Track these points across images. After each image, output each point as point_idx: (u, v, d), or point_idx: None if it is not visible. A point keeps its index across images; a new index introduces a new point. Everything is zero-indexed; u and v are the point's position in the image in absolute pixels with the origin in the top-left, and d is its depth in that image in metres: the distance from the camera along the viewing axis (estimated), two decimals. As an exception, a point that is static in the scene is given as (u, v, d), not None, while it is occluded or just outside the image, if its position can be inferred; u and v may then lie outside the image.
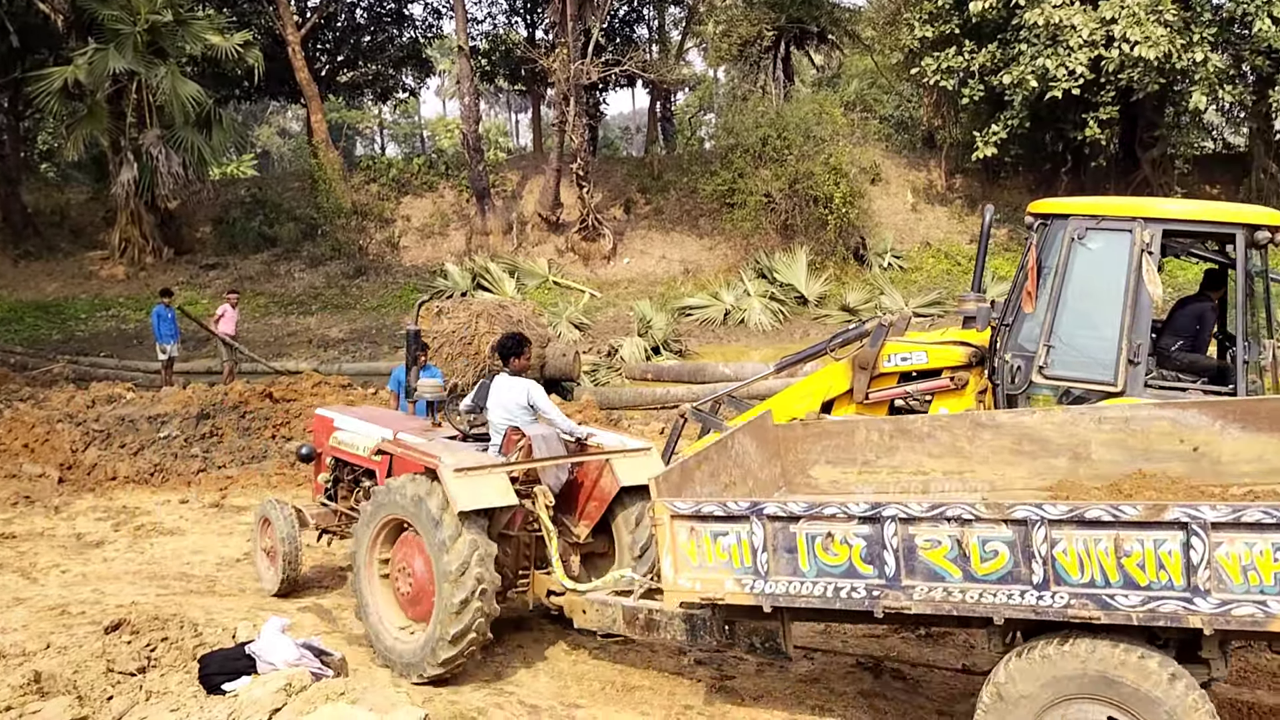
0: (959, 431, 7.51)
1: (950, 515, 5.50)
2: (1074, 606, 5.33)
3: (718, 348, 21.46)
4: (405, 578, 7.11)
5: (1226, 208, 9.58)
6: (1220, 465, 6.94)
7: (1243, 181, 24.53)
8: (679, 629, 6.78)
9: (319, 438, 8.92)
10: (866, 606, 5.76)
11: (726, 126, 28.85)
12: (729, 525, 6.00)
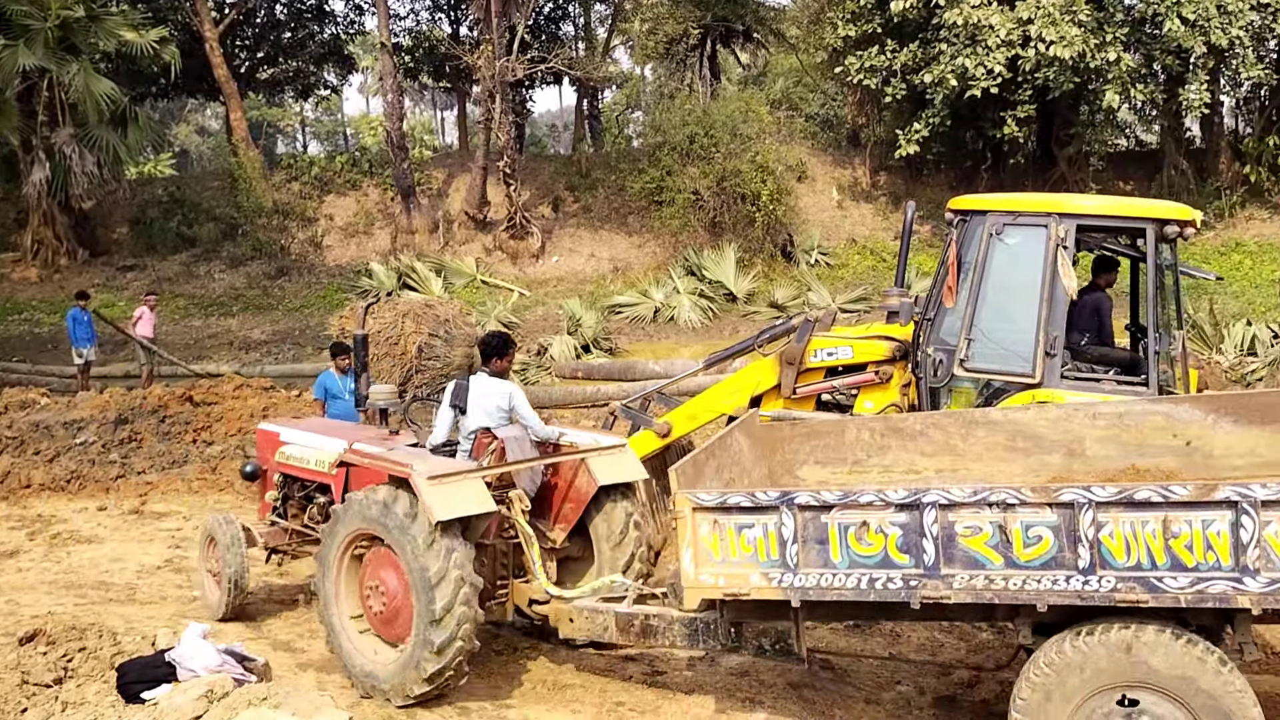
0: (952, 429, 7.39)
1: (994, 500, 5.37)
2: (1121, 590, 5.24)
3: (648, 345, 21.51)
4: (378, 596, 6.68)
5: (1137, 203, 9.85)
6: (1213, 459, 6.93)
7: (1155, 177, 25.24)
8: (679, 634, 6.54)
9: (263, 453, 8.49)
10: (903, 598, 5.58)
11: (654, 124, 28.92)
12: (755, 517, 5.78)
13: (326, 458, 7.70)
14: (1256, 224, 23.57)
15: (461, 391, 7.38)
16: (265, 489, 8.46)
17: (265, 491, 8.45)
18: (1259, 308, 17.72)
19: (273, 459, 8.23)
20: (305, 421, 9.11)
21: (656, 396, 11.04)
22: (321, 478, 7.80)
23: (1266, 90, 24.36)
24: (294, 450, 8.05)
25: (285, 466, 8.11)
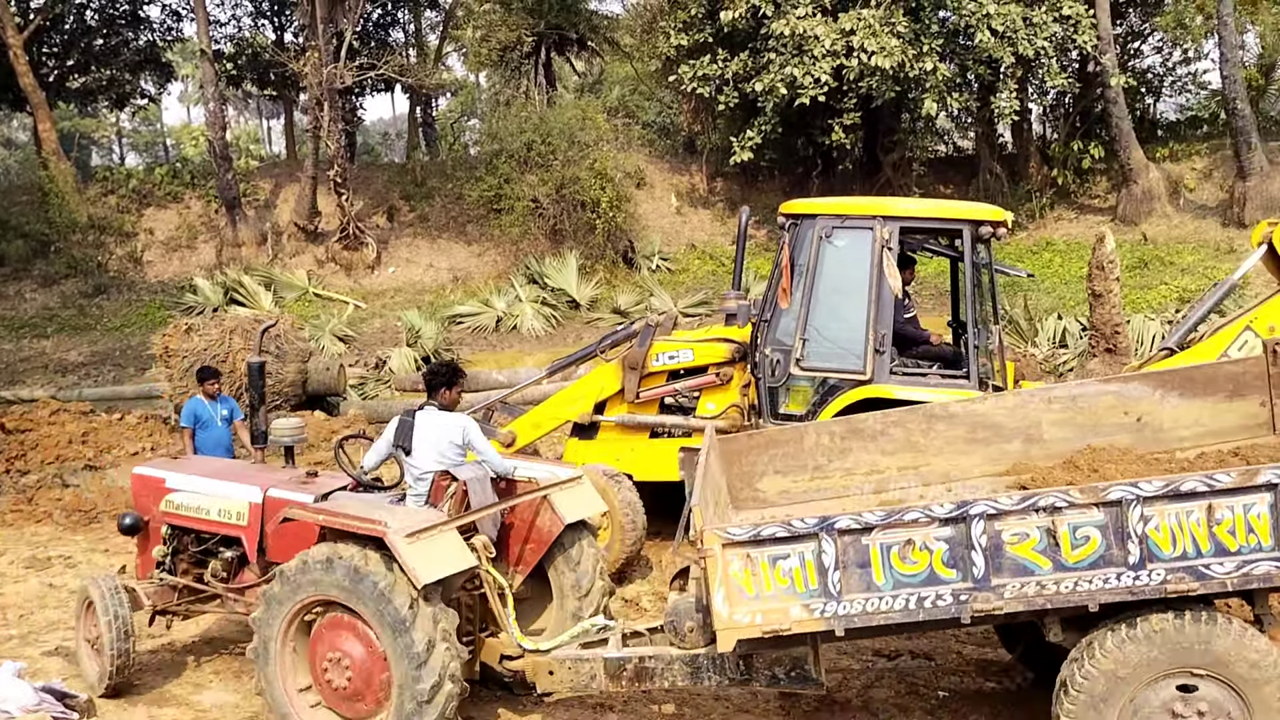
0: (912, 426, 7.34)
1: (1042, 505, 5.34)
2: (1170, 581, 5.28)
3: (491, 355, 21.29)
4: (339, 670, 6.09)
5: (954, 205, 10.34)
6: (1162, 433, 7.12)
7: (972, 181, 26.48)
8: (679, 673, 6.21)
9: (143, 502, 7.62)
10: (954, 614, 5.46)
11: (490, 132, 28.69)
12: (791, 546, 5.51)
13: (234, 506, 7.04)
14: (1065, 224, 25.01)
15: (406, 429, 6.73)
16: (148, 543, 7.55)
17: (148, 546, 7.54)
18: (1069, 303, 18.81)
19: (157, 509, 7.40)
20: (192, 463, 8.25)
21: (500, 406, 10.95)
22: (228, 529, 7.11)
23: (1070, 98, 25.90)
24: (187, 499, 7.28)
25: (176, 517, 7.32)
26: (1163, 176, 24.10)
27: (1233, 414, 7.03)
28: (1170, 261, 21.44)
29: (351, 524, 6.03)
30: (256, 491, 6.95)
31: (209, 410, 9.96)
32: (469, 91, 47.71)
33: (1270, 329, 8.70)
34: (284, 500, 6.73)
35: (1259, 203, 21.74)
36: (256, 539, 6.94)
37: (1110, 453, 6.69)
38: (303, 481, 7.09)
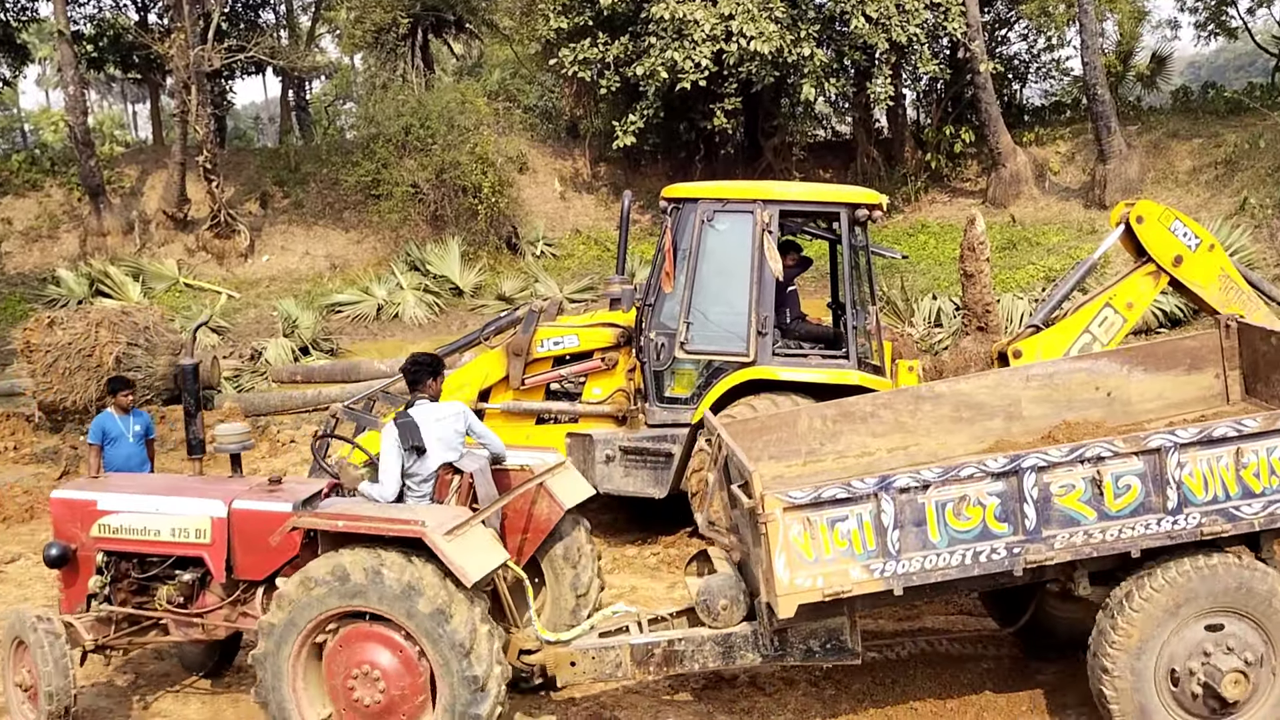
0: (900, 407, 7.48)
1: (1089, 455, 5.62)
2: (1205, 524, 5.64)
3: (372, 344, 20.87)
4: (369, 685, 5.72)
5: (832, 189, 10.52)
6: (1130, 406, 7.51)
7: (850, 166, 27.02)
8: (711, 654, 6.20)
9: (66, 529, 6.85)
10: (1007, 566, 5.67)
11: (367, 116, 28.05)
12: (849, 508, 5.61)
13: (192, 524, 6.50)
14: (939, 206, 25.73)
15: (412, 429, 6.31)
16: (76, 575, 6.82)
17: (77, 577, 6.81)
18: (943, 283, 19.35)
19: (85, 535, 6.74)
20: (123, 481, 7.47)
21: (381, 396, 10.75)
22: (185, 549, 6.56)
23: (942, 84, 26.61)
24: (127, 520, 6.66)
25: (113, 542, 6.70)
26: (1029, 160, 24.96)
27: (1192, 386, 7.50)
28: (1037, 242, 22.23)
29: (382, 526, 5.70)
30: (218, 505, 6.45)
31: (120, 425, 9.13)
32: (344, 74, 46.60)
33: (1128, 305, 9.10)
34: (254, 512, 6.30)
35: (1118, 185, 22.71)
36: (224, 557, 6.43)
37: (1085, 427, 7.02)
38: (269, 490, 6.64)
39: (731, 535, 6.55)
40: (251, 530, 6.35)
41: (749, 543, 6.07)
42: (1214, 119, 24.81)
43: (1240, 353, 7.43)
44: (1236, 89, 28.51)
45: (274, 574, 6.42)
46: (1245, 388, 7.42)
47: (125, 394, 9.24)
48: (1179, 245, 8.99)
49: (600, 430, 9.66)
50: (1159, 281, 9.16)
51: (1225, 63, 52.30)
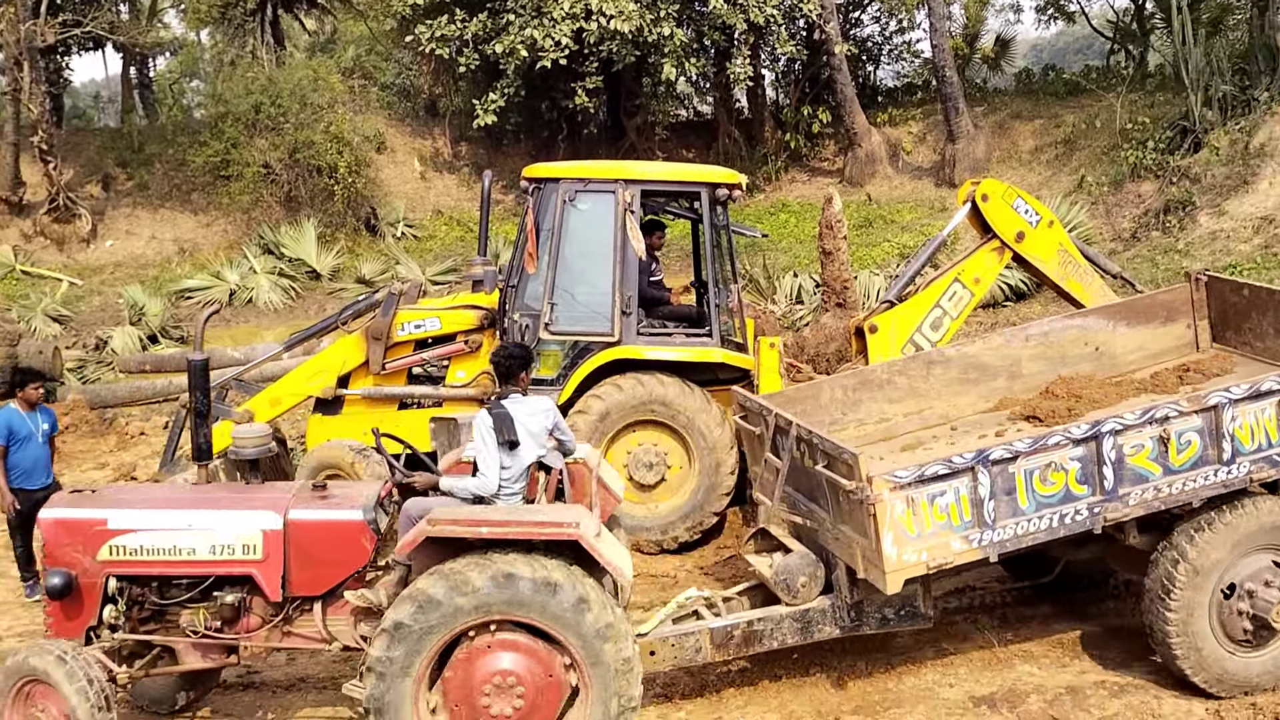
0: (914, 373, 7.96)
1: (1158, 416, 6.17)
2: (1254, 471, 6.28)
3: (225, 331, 20.12)
4: (507, 695, 5.51)
5: (693, 169, 10.61)
6: (1117, 358, 8.15)
7: (712, 146, 27.26)
8: (789, 631, 6.55)
9: (65, 554, 6.04)
10: (1089, 525, 6.20)
11: (215, 94, 26.95)
12: (948, 483, 5.95)
13: (240, 539, 5.93)
14: (799, 186, 26.21)
15: (507, 421, 6.00)
16: (81, 604, 6.07)
17: (82, 607, 6.06)
18: (803, 260, 19.74)
19: (91, 559, 6.01)
20: (124, 495, 6.69)
21: (235, 384, 10.43)
22: (230, 567, 5.99)
23: (799, 65, 27.07)
24: (150, 540, 5.98)
25: (133, 565, 6.03)
26: (884, 140, 25.63)
27: (1167, 337, 8.29)
28: (892, 220, 22.88)
29: (532, 530, 5.51)
30: (271, 517, 5.97)
31: (28, 423, 8.51)
32: (189, 51, 44.61)
33: (975, 280, 9.45)
34: (314, 523, 5.93)
35: (966, 164, 23.53)
36: (279, 573, 5.94)
37: (1078, 380, 7.65)
38: (319, 496, 6.20)
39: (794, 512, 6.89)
40: (310, 542, 5.97)
41: (830, 519, 6.47)
42: (1054, 100, 25.91)
43: (1209, 304, 8.22)
44: (1075, 71, 29.83)
45: (334, 589, 6.06)
46: (1213, 335, 8.25)
47: (35, 386, 8.56)
48: (1021, 222, 9.37)
49: (465, 414, 9.49)
50: (1003, 257, 9.53)
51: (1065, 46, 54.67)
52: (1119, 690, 6.85)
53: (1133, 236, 19.14)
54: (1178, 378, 7.67)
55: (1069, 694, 6.81)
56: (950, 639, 7.54)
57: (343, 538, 6.00)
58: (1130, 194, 20.33)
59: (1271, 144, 18.43)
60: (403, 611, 5.51)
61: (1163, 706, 6.59)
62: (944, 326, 9.44)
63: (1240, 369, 7.73)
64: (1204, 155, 19.24)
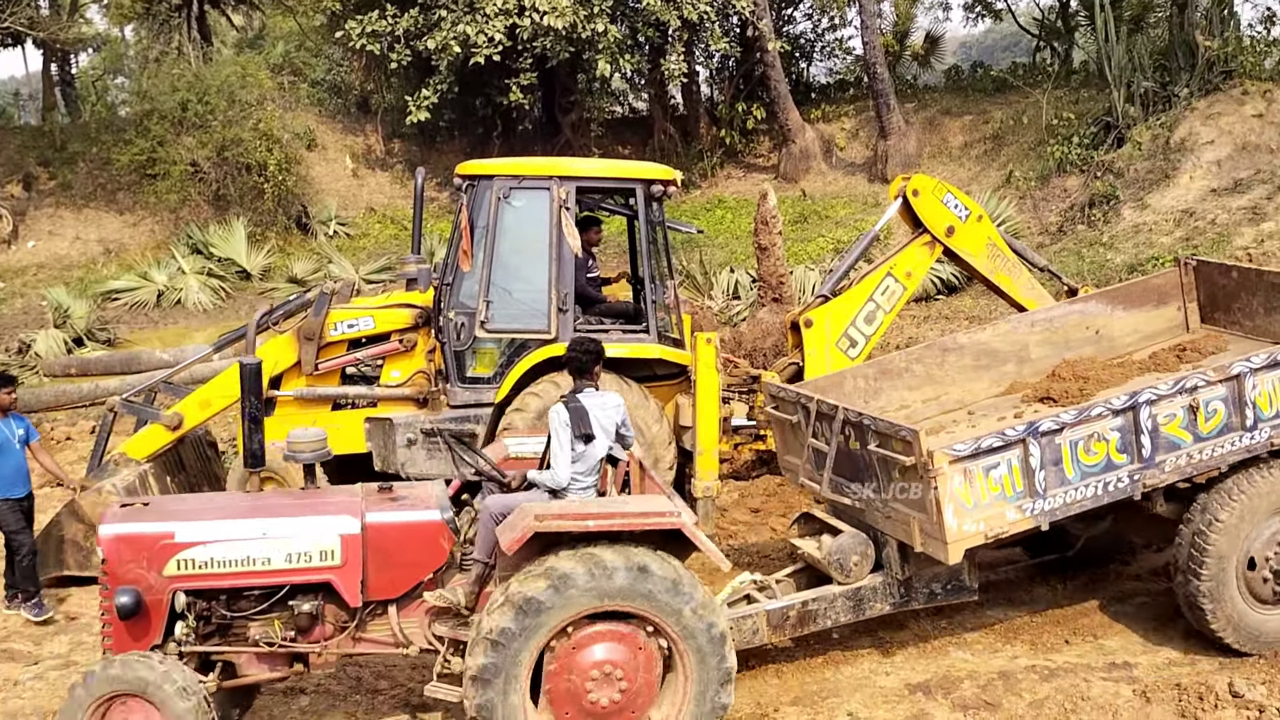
0: (930, 360, 8.25)
1: (1188, 386, 6.50)
2: (1274, 436, 6.65)
3: (154, 332, 19.74)
4: (609, 685, 5.59)
5: (628, 165, 10.62)
6: (1115, 340, 8.47)
7: (648, 142, 27.31)
8: (842, 610, 6.80)
9: (129, 570, 5.72)
10: (1129, 492, 6.51)
11: (140, 91, 26.34)
12: (1001, 455, 6.20)
13: (317, 545, 5.77)
14: (734, 182, 26.37)
15: (583, 415, 6.07)
16: (148, 622, 5.78)
17: (149, 626, 5.77)
18: (739, 256, 19.87)
19: (157, 574, 5.72)
20: (185, 506, 6.45)
21: (163, 387, 10.23)
22: (308, 575, 5.84)
23: (733, 62, 27.21)
24: (224, 551, 5.75)
25: (203, 578, 5.76)
26: (817, 136, 25.87)
27: (1160, 319, 8.65)
28: (826, 215, 23.11)
29: (636, 521, 5.61)
30: (348, 521, 5.84)
31: (5, 431, 8.13)
32: (113, 47, 43.60)
33: (907, 274, 9.57)
34: (393, 525, 5.85)
35: (898, 160, 23.85)
36: (358, 578, 5.82)
37: (1082, 363, 7.98)
38: (389, 498, 6.10)
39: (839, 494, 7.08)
40: (388, 545, 5.86)
41: (881, 498, 6.71)
42: (983, 97, 26.37)
43: (1197, 287, 8.62)
44: (1002, 69, 30.38)
45: (409, 591, 5.99)
46: (1201, 316, 8.64)
47: (8, 391, 8.18)
48: (951, 216, 9.51)
49: (400, 414, 9.45)
50: (934, 251, 9.66)
51: (993, 43, 55.60)
52: (1049, 674, 7.00)
53: (1059, 230, 19.56)
54: (1176, 357, 8.08)
55: (1001, 679, 6.95)
56: (886, 628, 7.65)
57: (422, 539, 5.95)
58: (1056, 188, 20.77)
59: (1191, 139, 18.96)
60: (505, 617, 5.48)
61: (1091, 689, 6.75)
62: (878, 320, 9.55)
63: (1233, 347, 8.08)
64: (1127, 150, 19.72)
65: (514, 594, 5.51)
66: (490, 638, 5.48)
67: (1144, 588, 8.20)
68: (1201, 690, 6.52)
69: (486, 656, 5.47)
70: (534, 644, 5.51)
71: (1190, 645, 7.30)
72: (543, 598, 5.45)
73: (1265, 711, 6.27)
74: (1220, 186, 18.01)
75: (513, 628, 5.45)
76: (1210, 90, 19.53)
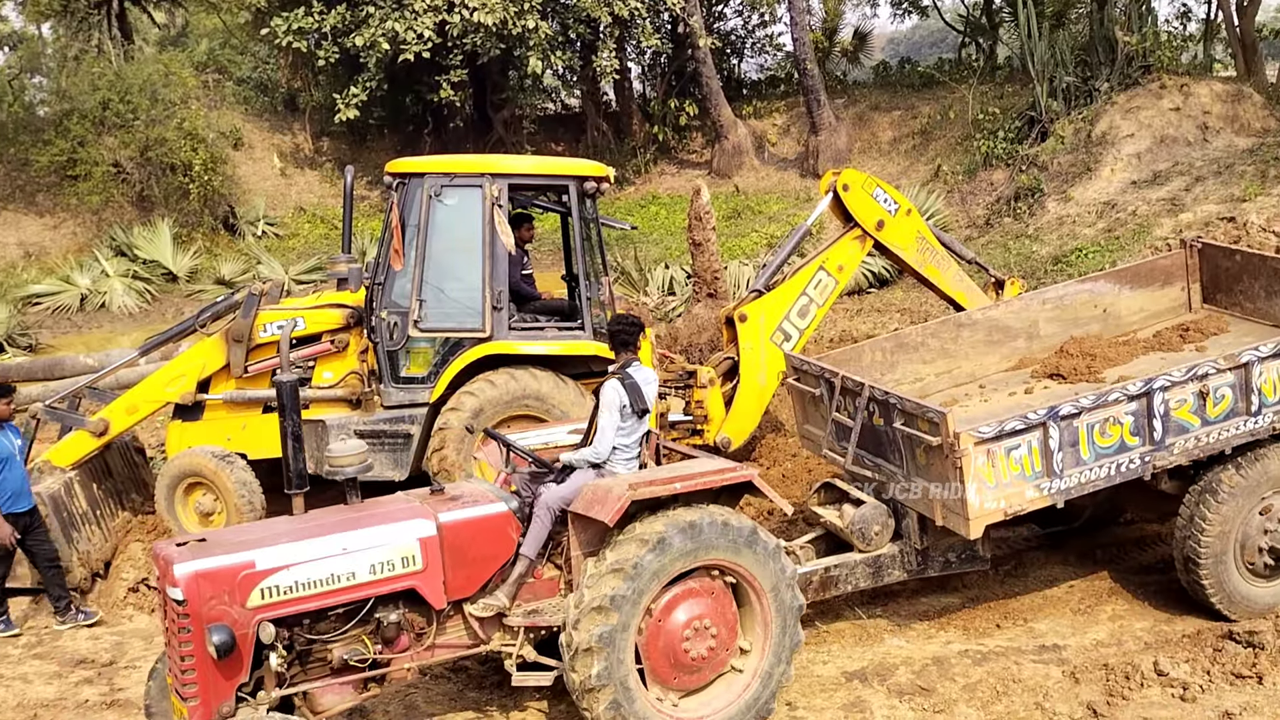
0: (945, 335, 8.53)
1: (1200, 373, 6.74)
2: (1276, 421, 6.92)
3: (77, 337, 19.25)
4: (703, 638, 6.02)
5: (561, 162, 10.57)
6: (1121, 319, 8.76)
7: (581, 139, 27.27)
8: (863, 575, 7.13)
9: (213, 607, 5.37)
10: (1139, 472, 6.79)
11: (59, 90, 25.70)
12: (1023, 436, 6.44)
13: (398, 552, 5.69)
14: (668, 178, 26.44)
15: (638, 391, 6.36)
16: (240, 661, 5.44)
17: (240, 664, 5.44)
18: (674, 252, 19.93)
19: (240, 607, 5.41)
20: (254, 533, 6.05)
21: (88, 392, 9.99)
22: (393, 583, 5.73)
23: (665, 58, 27.27)
24: (307, 572, 5.52)
25: (289, 604, 5.50)
26: (749, 132, 26.04)
27: (1165, 299, 8.93)
28: (759, 210, 23.27)
29: (715, 479, 6.03)
30: (425, 524, 5.81)
31: (6, 443, 7.81)
32: (30, 45, 42.40)
33: (839, 268, 9.68)
34: (466, 522, 5.94)
35: (829, 155, 24.10)
36: (440, 579, 5.82)
37: (1089, 340, 8.31)
38: (448, 499, 6.15)
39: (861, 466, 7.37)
40: (464, 543, 5.92)
41: (904, 472, 6.98)
42: (910, 92, 26.74)
43: (1201, 269, 8.90)
44: (929, 64, 30.83)
45: (484, 585, 6.08)
46: (1204, 297, 8.94)
47: (5, 401, 7.90)
48: (880, 210, 9.64)
49: (333, 415, 9.34)
50: (865, 245, 9.79)
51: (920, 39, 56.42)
52: (982, 658, 7.14)
53: (986, 223, 19.91)
54: (1179, 336, 8.38)
55: (935, 664, 7.08)
56: (823, 617, 7.74)
57: (494, 532, 6.04)
58: (983, 182, 21.14)
59: (1112, 132, 19.42)
60: (614, 583, 5.76)
61: (1023, 671, 6.90)
62: (811, 314, 9.65)
63: (1234, 328, 8.44)
64: (1050, 144, 20.14)
65: (621, 559, 5.80)
66: (599, 605, 5.73)
67: (1072, 572, 8.39)
68: (1128, 670, 6.71)
69: (598, 625, 5.72)
70: (642, 605, 5.83)
71: (1117, 627, 7.50)
72: (647, 561, 5.77)
73: (1189, 689, 6.46)
74: (1140, 179, 18.47)
75: (624, 591, 5.74)
76: (1129, 85, 20.02)
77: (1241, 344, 7.32)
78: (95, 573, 8.85)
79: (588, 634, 5.71)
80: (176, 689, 5.49)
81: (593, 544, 6.02)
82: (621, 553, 5.80)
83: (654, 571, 5.80)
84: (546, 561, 6.28)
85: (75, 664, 7.65)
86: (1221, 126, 19.26)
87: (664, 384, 9.92)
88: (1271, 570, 7.26)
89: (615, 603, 5.72)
